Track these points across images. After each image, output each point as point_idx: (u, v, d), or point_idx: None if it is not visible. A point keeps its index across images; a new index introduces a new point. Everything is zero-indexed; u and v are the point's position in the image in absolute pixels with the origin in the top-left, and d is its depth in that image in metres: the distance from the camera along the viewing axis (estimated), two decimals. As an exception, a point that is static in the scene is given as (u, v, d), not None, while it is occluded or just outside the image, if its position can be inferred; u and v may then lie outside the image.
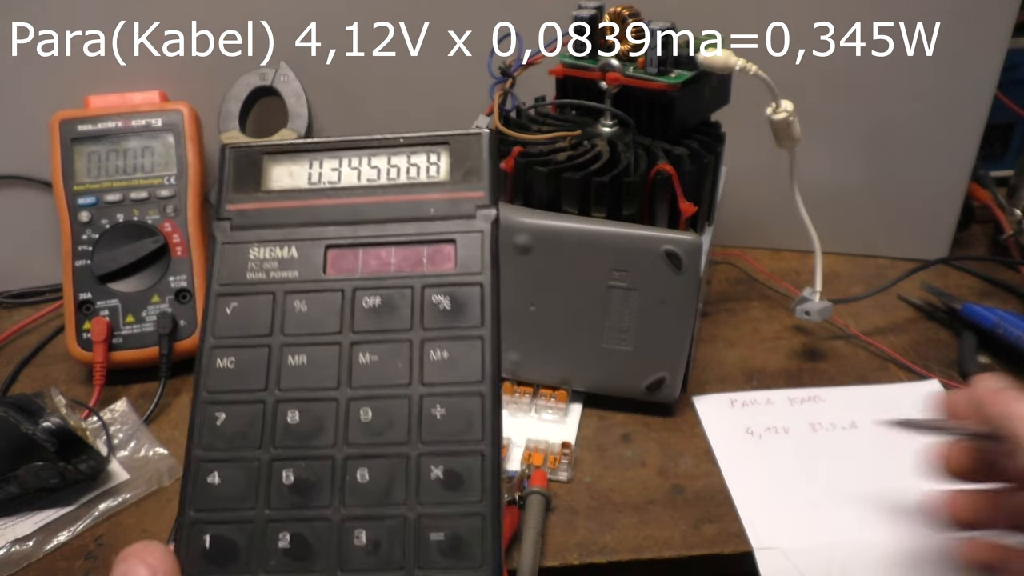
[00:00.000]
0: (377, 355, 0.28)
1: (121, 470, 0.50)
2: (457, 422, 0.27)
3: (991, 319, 0.57)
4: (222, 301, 0.30)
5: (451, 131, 0.31)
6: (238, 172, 0.32)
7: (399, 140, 0.31)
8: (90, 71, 0.62)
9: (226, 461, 0.27)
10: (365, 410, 0.28)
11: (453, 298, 0.29)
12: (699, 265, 0.48)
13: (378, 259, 0.30)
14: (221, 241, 0.31)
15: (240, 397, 0.28)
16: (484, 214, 0.30)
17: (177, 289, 0.58)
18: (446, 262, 0.30)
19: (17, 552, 0.45)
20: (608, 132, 0.52)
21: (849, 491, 0.46)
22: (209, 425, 0.28)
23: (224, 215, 0.31)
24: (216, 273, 0.30)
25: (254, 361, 0.29)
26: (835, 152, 0.65)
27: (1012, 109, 0.69)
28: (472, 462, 0.26)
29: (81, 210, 0.58)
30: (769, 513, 0.45)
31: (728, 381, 0.56)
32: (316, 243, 0.30)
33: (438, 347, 0.28)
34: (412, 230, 0.30)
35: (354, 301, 0.29)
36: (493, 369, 0.28)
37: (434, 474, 0.26)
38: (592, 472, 0.49)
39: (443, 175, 0.31)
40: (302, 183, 0.31)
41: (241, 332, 0.29)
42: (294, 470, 0.27)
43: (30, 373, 0.60)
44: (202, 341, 0.29)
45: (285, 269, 0.30)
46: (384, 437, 0.27)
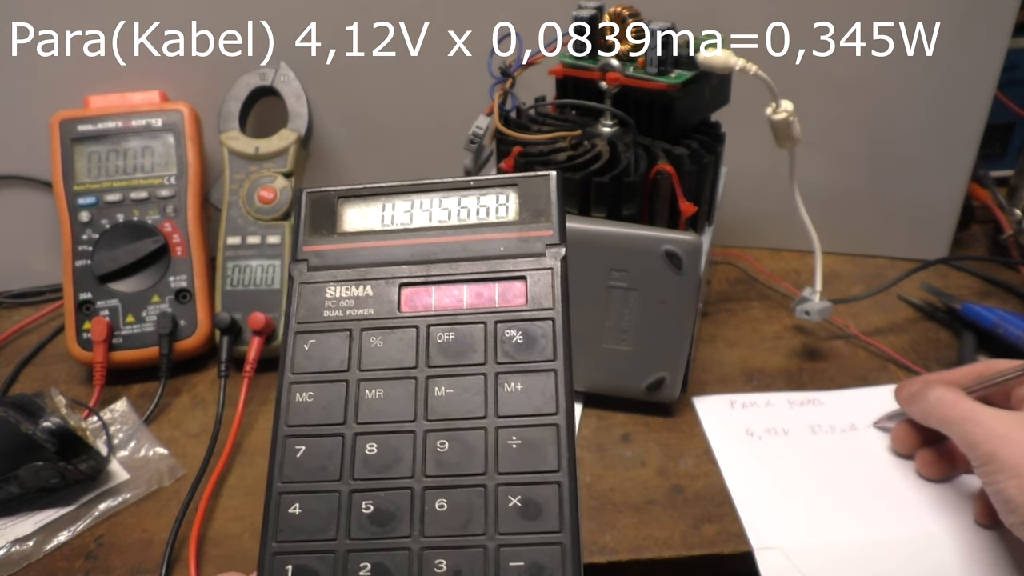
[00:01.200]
0: (452, 388, 0.29)
1: (121, 470, 0.50)
2: (533, 453, 0.28)
3: (991, 319, 0.57)
4: (300, 338, 0.31)
5: (520, 174, 0.33)
6: (314, 215, 0.33)
7: (469, 183, 0.33)
8: (90, 71, 0.62)
9: (307, 493, 0.28)
10: (442, 442, 0.28)
11: (525, 333, 0.30)
12: (699, 265, 0.48)
13: (451, 296, 0.31)
14: (299, 281, 0.32)
15: (319, 431, 0.29)
16: (553, 252, 0.31)
17: (177, 289, 0.58)
18: (517, 298, 0.30)
19: (17, 552, 0.45)
20: (608, 132, 0.52)
21: (848, 492, 0.46)
22: (290, 458, 0.28)
23: (301, 256, 0.32)
24: (294, 312, 0.31)
25: (332, 395, 0.29)
26: (835, 152, 0.65)
27: (1012, 109, 0.69)
28: (549, 492, 0.27)
29: (81, 210, 0.58)
30: (769, 513, 0.45)
31: (728, 381, 0.56)
32: (390, 281, 0.31)
33: (512, 380, 0.29)
34: (483, 268, 0.31)
35: (428, 337, 0.30)
36: (567, 401, 0.28)
37: (512, 503, 0.27)
38: (592, 472, 0.49)
39: (512, 215, 0.32)
40: (375, 224, 0.32)
41: (319, 368, 0.30)
42: (374, 500, 0.27)
43: (30, 373, 0.60)
44: (281, 377, 0.30)
45: (361, 307, 0.31)
46: (461, 468, 0.28)
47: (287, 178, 0.60)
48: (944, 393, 0.43)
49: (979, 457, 0.40)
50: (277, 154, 0.60)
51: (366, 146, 0.67)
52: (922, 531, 0.43)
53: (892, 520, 0.44)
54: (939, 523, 0.44)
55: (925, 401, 0.44)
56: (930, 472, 0.46)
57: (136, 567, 0.44)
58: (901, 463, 0.48)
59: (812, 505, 0.45)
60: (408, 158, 0.68)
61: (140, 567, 0.44)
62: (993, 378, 0.43)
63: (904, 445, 0.48)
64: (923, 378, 0.47)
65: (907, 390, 0.46)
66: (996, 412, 0.41)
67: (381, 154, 0.68)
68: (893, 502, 0.45)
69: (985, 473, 0.39)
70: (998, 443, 0.39)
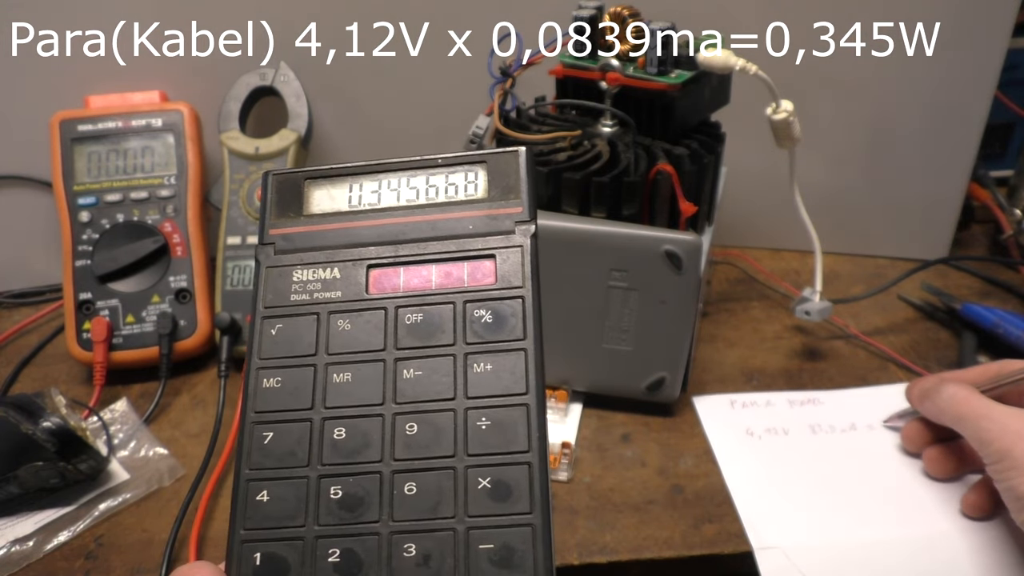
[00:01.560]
0: (421, 370, 0.29)
1: (121, 470, 0.50)
2: (503, 433, 0.27)
3: (991, 319, 0.57)
4: (267, 323, 0.30)
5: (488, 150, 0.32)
6: (280, 197, 0.32)
7: (437, 160, 0.33)
8: (90, 71, 0.62)
9: (275, 479, 0.28)
10: (411, 424, 0.28)
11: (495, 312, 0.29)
12: (699, 265, 0.48)
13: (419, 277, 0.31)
14: (265, 265, 0.31)
15: (287, 416, 0.29)
16: (523, 229, 0.31)
17: (177, 289, 0.58)
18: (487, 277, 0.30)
19: (17, 552, 0.45)
20: (608, 132, 0.52)
21: (849, 491, 0.46)
22: (257, 444, 0.28)
23: (267, 240, 0.32)
24: (261, 296, 0.31)
25: (300, 380, 0.29)
26: (835, 152, 0.65)
27: (1012, 109, 0.69)
28: (519, 472, 0.27)
29: (81, 210, 0.58)
30: (769, 513, 0.45)
31: (728, 381, 0.56)
32: (358, 263, 0.31)
33: (481, 360, 0.29)
34: (452, 247, 0.31)
35: (397, 318, 0.30)
36: (537, 380, 0.28)
37: (482, 485, 0.27)
38: (592, 472, 0.49)
39: (481, 192, 0.32)
40: (343, 206, 0.32)
41: (286, 352, 0.30)
42: (342, 485, 0.27)
43: (30, 373, 0.60)
44: (248, 363, 0.30)
45: (328, 290, 0.31)
46: (430, 450, 0.27)
47: (287, 178, 0.60)
48: (958, 390, 0.43)
49: (992, 454, 0.40)
50: (277, 154, 0.60)
51: (366, 146, 0.67)
52: (922, 531, 0.43)
53: (892, 520, 0.44)
54: (939, 523, 0.44)
55: (939, 398, 0.44)
56: (936, 470, 0.46)
57: (136, 567, 0.44)
58: (901, 463, 0.48)
59: (812, 505, 0.45)
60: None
61: (140, 567, 0.44)
62: (1008, 377, 0.43)
63: (914, 443, 0.48)
64: (937, 376, 0.46)
65: (920, 387, 0.46)
66: (1010, 410, 0.41)
67: (381, 154, 0.67)
68: (893, 502, 0.45)
69: (997, 470, 0.39)
70: (1012, 440, 0.39)
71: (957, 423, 0.43)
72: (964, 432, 0.42)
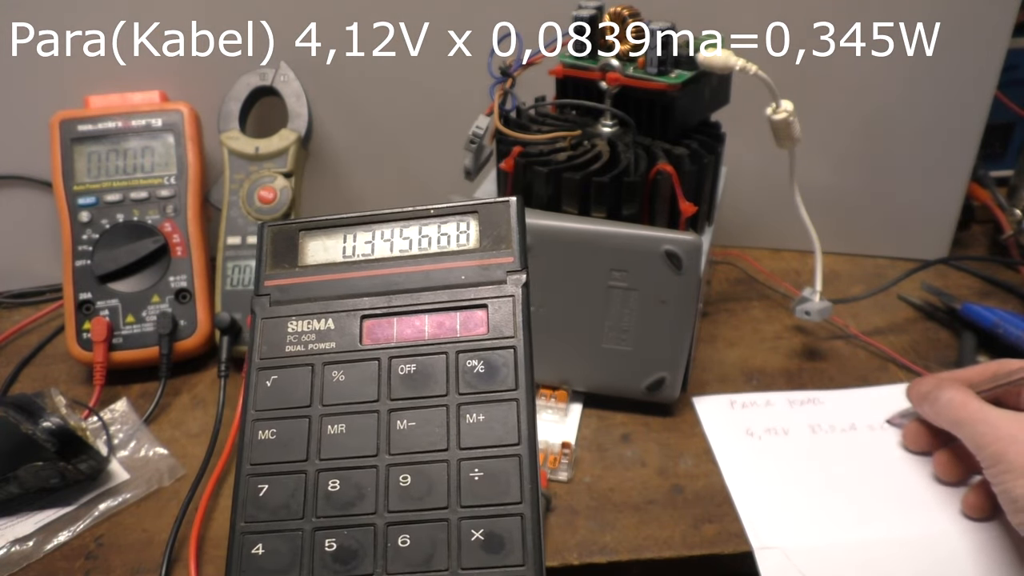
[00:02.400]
0: (415, 421, 0.29)
1: (121, 470, 0.50)
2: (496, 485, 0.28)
3: (991, 319, 0.57)
4: (262, 375, 0.31)
5: (480, 200, 0.33)
6: (275, 248, 0.33)
7: (429, 211, 0.33)
8: (90, 71, 0.62)
9: (269, 532, 0.28)
10: (404, 476, 0.28)
11: (487, 362, 0.30)
12: (699, 265, 0.48)
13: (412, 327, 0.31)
14: (260, 316, 0.32)
15: (282, 468, 0.29)
16: (514, 279, 0.31)
17: (177, 289, 0.58)
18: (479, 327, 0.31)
19: (17, 552, 0.45)
20: (608, 132, 0.52)
21: (849, 491, 0.46)
22: (252, 497, 0.28)
23: (263, 291, 0.32)
24: (256, 347, 0.31)
25: (295, 432, 0.29)
26: (835, 152, 0.65)
27: (1012, 109, 0.69)
28: (512, 524, 0.27)
29: (81, 210, 0.58)
30: (769, 513, 0.45)
31: (728, 381, 0.56)
32: (352, 314, 0.31)
33: (474, 411, 0.29)
34: (445, 297, 0.31)
35: (390, 369, 0.30)
36: (529, 430, 0.28)
37: (475, 537, 0.27)
38: (592, 472, 0.49)
39: (473, 242, 0.32)
40: (337, 257, 0.33)
41: (281, 404, 0.30)
42: (336, 538, 0.27)
43: (30, 373, 0.60)
44: (244, 414, 0.30)
45: (323, 341, 0.31)
46: (424, 502, 0.28)
47: (287, 178, 0.60)
48: (955, 395, 0.43)
49: (987, 457, 0.40)
50: (277, 154, 0.60)
51: (366, 146, 0.67)
52: (923, 531, 0.43)
53: (893, 520, 0.44)
54: (940, 523, 0.44)
55: (937, 403, 0.44)
56: (947, 474, 0.46)
57: (136, 567, 0.44)
58: (902, 463, 0.48)
59: (812, 505, 0.45)
60: (408, 158, 0.68)
61: (140, 567, 0.44)
62: (1005, 377, 0.43)
63: (916, 443, 0.48)
64: (936, 377, 0.47)
65: (918, 389, 0.46)
66: (1005, 413, 0.41)
67: (381, 154, 0.68)
68: (894, 502, 0.45)
69: (993, 474, 0.40)
70: (1006, 444, 0.39)
71: (954, 427, 0.43)
72: (961, 436, 0.42)
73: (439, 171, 0.63)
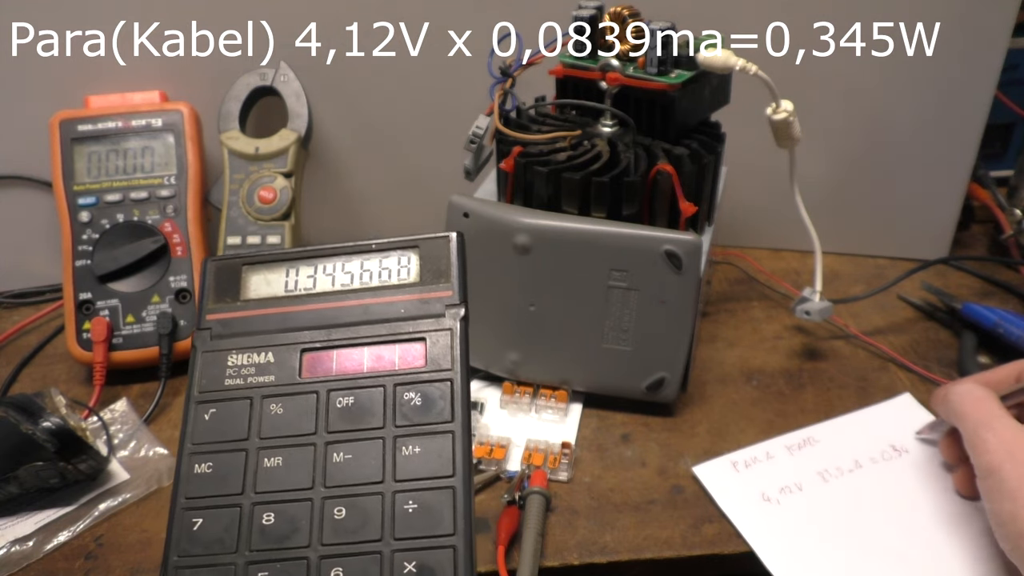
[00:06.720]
0: (351, 453, 0.29)
1: (121, 470, 0.50)
2: (429, 517, 0.28)
3: (991, 319, 0.57)
4: (200, 408, 0.31)
5: (420, 235, 0.33)
6: (218, 283, 0.33)
7: (371, 246, 0.33)
8: (90, 71, 0.62)
9: (202, 567, 0.28)
10: (339, 508, 0.28)
11: (424, 394, 0.30)
12: (699, 265, 0.48)
13: (351, 360, 0.31)
14: (201, 350, 0.32)
15: (217, 502, 0.29)
16: (453, 312, 0.32)
17: (177, 289, 0.58)
18: (416, 360, 0.31)
19: (17, 552, 0.45)
20: (608, 132, 0.52)
21: (876, 533, 0.44)
22: (186, 531, 0.28)
23: (204, 325, 0.32)
24: (196, 381, 0.31)
25: (231, 465, 0.29)
26: (835, 152, 0.65)
27: (1012, 109, 0.69)
28: (444, 556, 0.27)
29: (81, 210, 0.58)
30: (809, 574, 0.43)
31: (728, 381, 0.56)
32: (292, 348, 0.32)
33: (410, 443, 0.29)
34: (383, 331, 0.31)
35: (328, 402, 0.30)
36: (465, 462, 0.29)
37: (407, 569, 0.27)
38: (592, 472, 0.49)
39: (413, 277, 0.33)
40: (279, 291, 0.33)
41: (219, 437, 0.30)
42: (269, 572, 0.27)
43: (30, 373, 0.60)
44: (181, 448, 0.30)
45: (262, 374, 0.31)
46: (358, 535, 0.28)
47: (287, 178, 0.60)
48: (972, 388, 0.41)
49: (981, 467, 0.38)
50: (277, 154, 0.60)
51: (366, 146, 0.67)
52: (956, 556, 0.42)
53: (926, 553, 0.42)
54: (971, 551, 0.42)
55: (950, 394, 0.42)
56: (968, 490, 0.44)
57: (136, 567, 0.44)
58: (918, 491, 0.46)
59: (849, 559, 0.43)
60: (408, 158, 0.68)
61: (140, 567, 0.44)
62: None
63: (951, 456, 0.45)
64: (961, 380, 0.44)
65: (939, 391, 0.44)
66: (1014, 425, 0.39)
67: (381, 154, 0.68)
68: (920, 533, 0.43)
69: (984, 487, 0.38)
70: (1002, 457, 0.37)
71: (959, 421, 0.41)
72: (963, 432, 0.41)
73: (439, 171, 0.63)
